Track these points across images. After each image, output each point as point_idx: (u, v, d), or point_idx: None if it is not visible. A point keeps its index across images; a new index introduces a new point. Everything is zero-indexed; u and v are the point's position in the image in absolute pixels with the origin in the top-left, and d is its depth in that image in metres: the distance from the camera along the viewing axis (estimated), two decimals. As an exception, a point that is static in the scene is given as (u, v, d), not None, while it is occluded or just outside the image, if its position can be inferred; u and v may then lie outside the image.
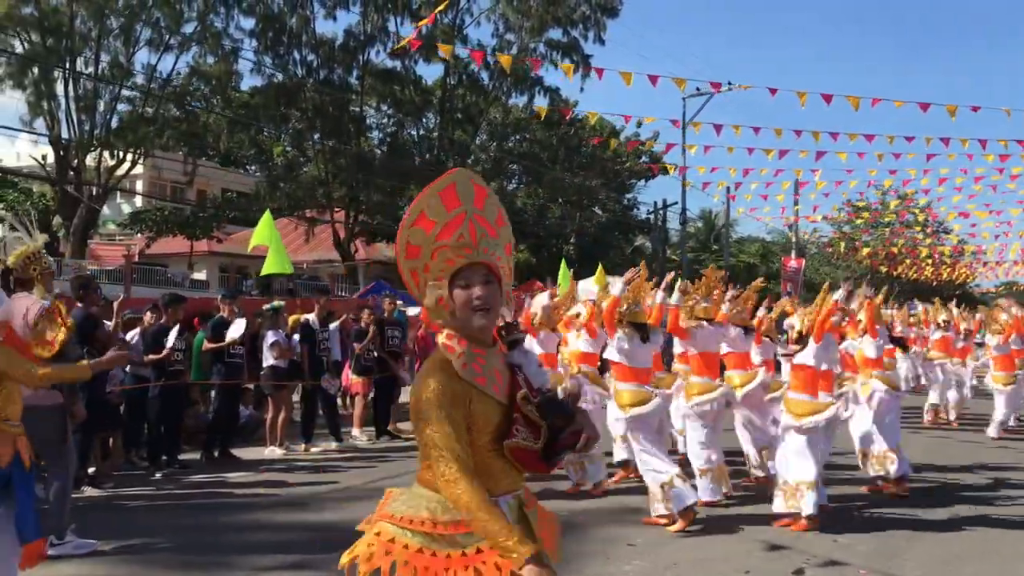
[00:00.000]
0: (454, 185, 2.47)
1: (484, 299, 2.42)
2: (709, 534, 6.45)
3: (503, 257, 2.55)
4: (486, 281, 2.43)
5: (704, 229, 54.42)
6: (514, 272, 2.65)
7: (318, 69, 32.10)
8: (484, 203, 2.50)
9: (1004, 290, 58.12)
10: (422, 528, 2.40)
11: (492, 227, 2.51)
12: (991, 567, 5.84)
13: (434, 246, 2.45)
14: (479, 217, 2.47)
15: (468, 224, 2.45)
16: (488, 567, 2.33)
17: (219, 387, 9.85)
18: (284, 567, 5.50)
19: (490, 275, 2.45)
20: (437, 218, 2.44)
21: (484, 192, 2.52)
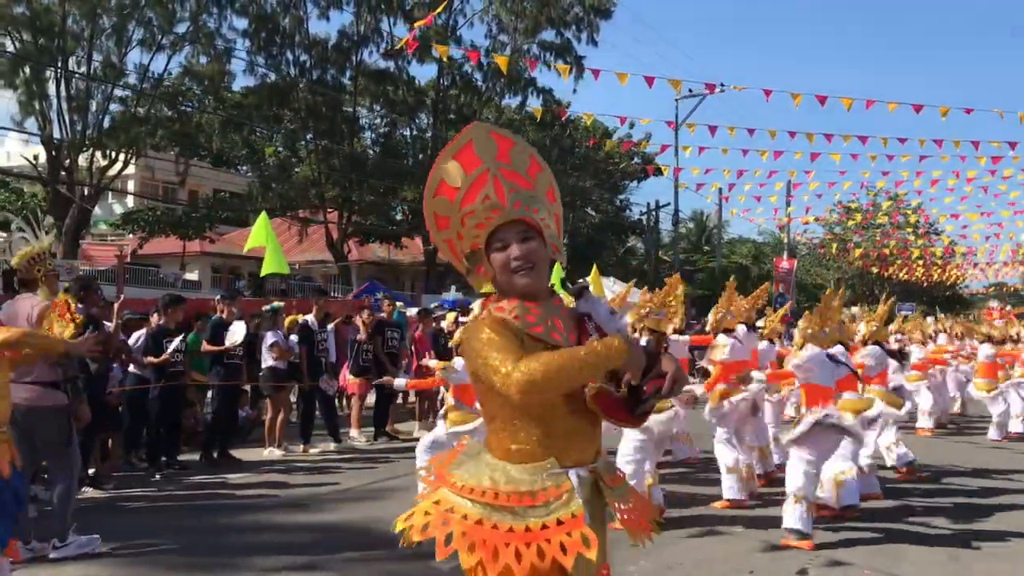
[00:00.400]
0: (471, 143, 2.29)
1: (523, 257, 2.23)
2: (712, 535, 6.47)
3: (543, 207, 2.32)
4: (523, 239, 2.24)
5: (696, 230, 54.54)
6: None
7: (311, 69, 32.07)
8: (510, 154, 2.30)
9: (994, 291, 58.41)
10: (483, 499, 2.20)
11: (524, 179, 2.30)
12: (997, 567, 5.87)
13: (461, 213, 2.28)
14: (505, 171, 2.27)
15: (494, 181, 2.26)
16: (552, 546, 2.13)
17: (218, 388, 9.84)
18: (288, 568, 5.49)
19: (528, 231, 2.25)
20: (458, 183, 2.27)
21: (509, 143, 2.31)
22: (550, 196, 2.35)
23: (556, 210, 2.37)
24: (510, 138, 2.33)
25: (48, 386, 5.42)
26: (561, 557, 2.11)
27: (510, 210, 2.25)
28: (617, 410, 2.23)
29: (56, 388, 5.49)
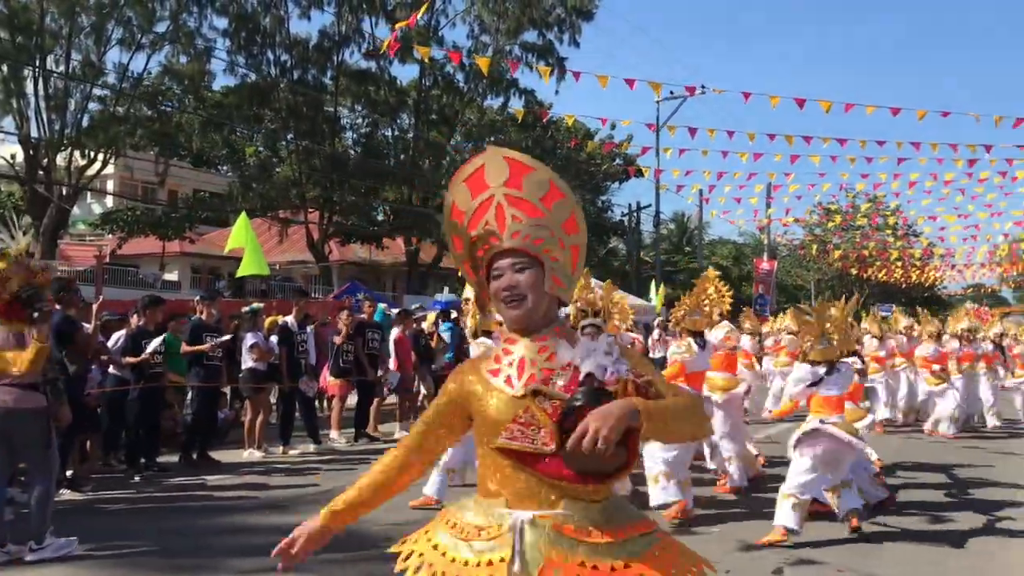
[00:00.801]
0: (483, 168, 2.23)
1: (510, 288, 2.19)
2: (687, 535, 6.53)
3: (552, 238, 2.21)
4: (517, 268, 2.19)
5: (677, 231, 54.81)
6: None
7: (292, 69, 31.99)
8: (524, 180, 2.20)
9: (971, 292, 59.00)
10: (451, 529, 2.23)
11: (534, 206, 2.19)
12: (971, 563, 5.97)
13: (468, 237, 2.26)
14: (512, 198, 2.20)
15: (496, 208, 2.20)
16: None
17: (197, 390, 9.82)
18: (268, 569, 5.46)
19: (525, 261, 2.19)
20: (465, 207, 2.25)
21: (525, 169, 2.21)
22: (567, 226, 2.23)
23: (575, 241, 2.25)
24: (528, 164, 2.23)
25: (28, 388, 5.41)
26: None
27: (506, 238, 2.20)
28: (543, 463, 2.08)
29: (36, 390, 5.48)
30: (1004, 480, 9.35)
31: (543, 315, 2.23)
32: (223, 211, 36.89)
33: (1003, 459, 11.00)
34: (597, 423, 1.93)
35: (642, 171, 27.31)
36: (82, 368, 7.86)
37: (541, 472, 2.09)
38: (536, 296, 2.19)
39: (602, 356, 2.12)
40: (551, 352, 2.18)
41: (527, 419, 2.10)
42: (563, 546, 2.07)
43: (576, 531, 2.08)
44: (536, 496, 2.12)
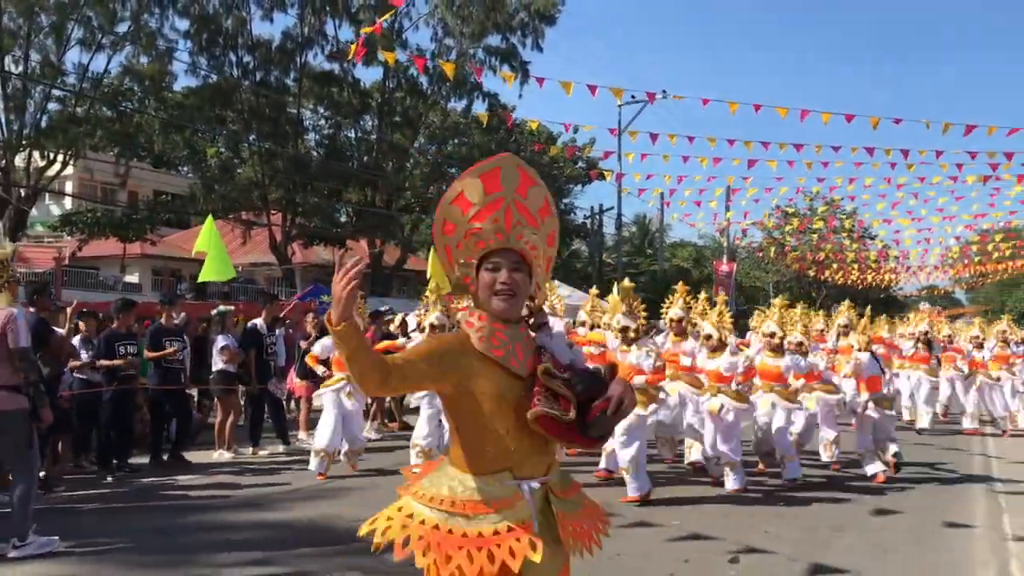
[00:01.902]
0: (499, 170, 2.48)
1: (509, 284, 2.45)
2: (649, 527, 6.81)
3: (541, 246, 2.53)
4: (514, 268, 2.46)
5: (639, 234, 55.33)
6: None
7: (254, 71, 31.92)
8: (528, 191, 2.50)
9: (926, 294, 60.22)
10: (440, 506, 2.42)
11: (533, 216, 2.50)
12: (919, 553, 6.30)
13: (467, 227, 2.48)
14: (520, 204, 2.48)
15: (506, 210, 2.46)
16: (502, 550, 2.33)
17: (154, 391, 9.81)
18: (244, 563, 5.67)
19: (520, 262, 2.47)
20: (476, 200, 2.46)
21: (532, 181, 2.52)
22: (549, 239, 2.57)
23: (550, 253, 2.58)
24: (534, 178, 2.53)
25: (10, 390, 5.54)
26: (510, 560, 2.31)
27: (511, 239, 2.47)
28: (566, 433, 2.41)
29: (18, 392, 5.60)
30: (953, 474, 9.80)
31: (518, 313, 2.54)
32: (185, 213, 36.65)
33: (951, 454, 11.45)
34: (627, 395, 2.41)
35: (604, 174, 27.68)
36: (56, 370, 7.95)
37: (555, 436, 2.44)
38: (523, 295, 2.50)
39: (564, 347, 2.57)
40: (530, 343, 2.53)
41: (547, 393, 2.41)
42: (559, 505, 2.52)
43: (558, 492, 2.55)
44: (534, 465, 2.50)
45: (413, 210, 37.62)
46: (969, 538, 6.84)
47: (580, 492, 2.66)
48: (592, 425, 2.40)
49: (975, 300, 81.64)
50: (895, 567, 5.86)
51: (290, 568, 5.56)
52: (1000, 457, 11.41)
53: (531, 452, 2.47)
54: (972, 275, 46.26)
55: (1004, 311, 69.85)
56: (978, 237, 37.75)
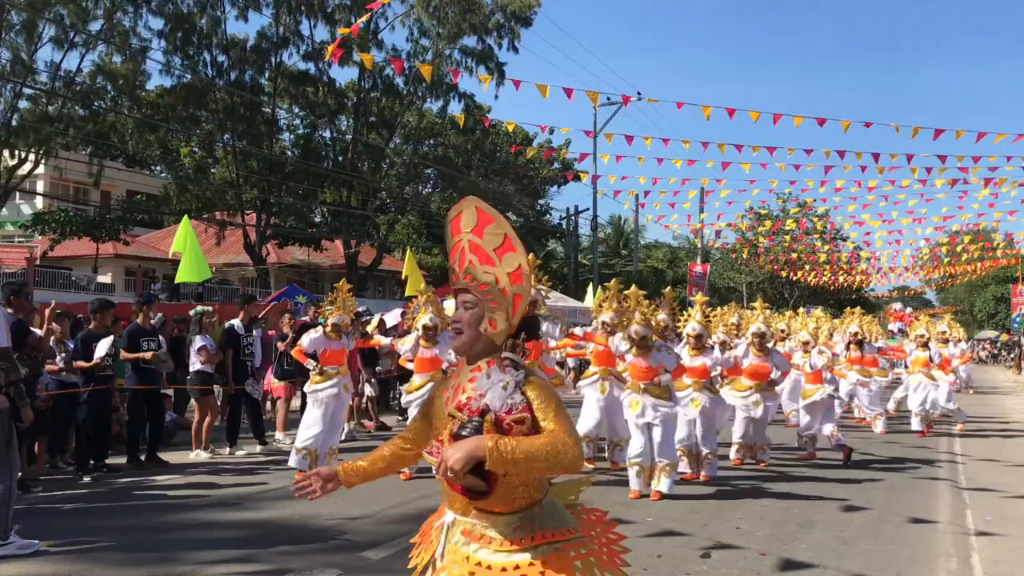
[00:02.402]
0: (460, 214, 2.61)
1: (455, 321, 2.61)
2: (623, 523, 6.94)
3: (495, 283, 2.54)
4: (465, 305, 2.58)
5: (614, 235, 55.67)
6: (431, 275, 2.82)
7: (229, 70, 31.84)
8: (484, 231, 2.55)
9: (897, 295, 61.04)
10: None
11: (488, 255, 2.54)
12: (882, 548, 6.49)
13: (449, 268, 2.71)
14: (473, 244, 2.56)
15: (461, 251, 2.58)
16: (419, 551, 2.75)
17: (133, 393, 9.83)
18: (225, 561, 5.75)
19: (471, 301, 2.57)
20: (448, 243, 2.66)
21: (488, 220, 2.56)
22: (513, 276, 2.53)
23: (518, 291, 2.53)
24: (492, 216, 2.56)
25: (-8, 390, 5.58)
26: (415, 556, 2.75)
27: (461, 278, 2.59)
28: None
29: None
30: (920, 472, 10.05)
31: (480, 350, 2.59)
32: (158, 213, 36.46)
33: (919, 452, 11.71)
34: (447, 455, 2.37)
35: (580, 176, 27.86)
36: (34, 370, 7.97)
37: (447, 484, 2.54)
38: (472, 333, 2.57)
39: (500, 390, 2.46)
40: (477, 381, 2.54)
41: (439, 437, 2.54)
42: (466, 547, 2.54)
43: (479, 538, 2.53)
44: (453, 503, 2.61)
45: (389, 210, 37.67)
46: (933, 532, 7.04)
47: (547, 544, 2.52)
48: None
49: (945, 301, 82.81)
50: (859, 561, 6.03)
51: (271, 565, 5.64)
52: (965, 455, 11.68)
53: (447, 489, 2.57)
54: (942, 276, 46.95)
55: (974, 311, 71.04)
56: (947, 239, 38.33)
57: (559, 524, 2.57)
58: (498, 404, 2.44)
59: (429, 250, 41.59)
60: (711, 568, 5.80)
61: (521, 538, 2.49)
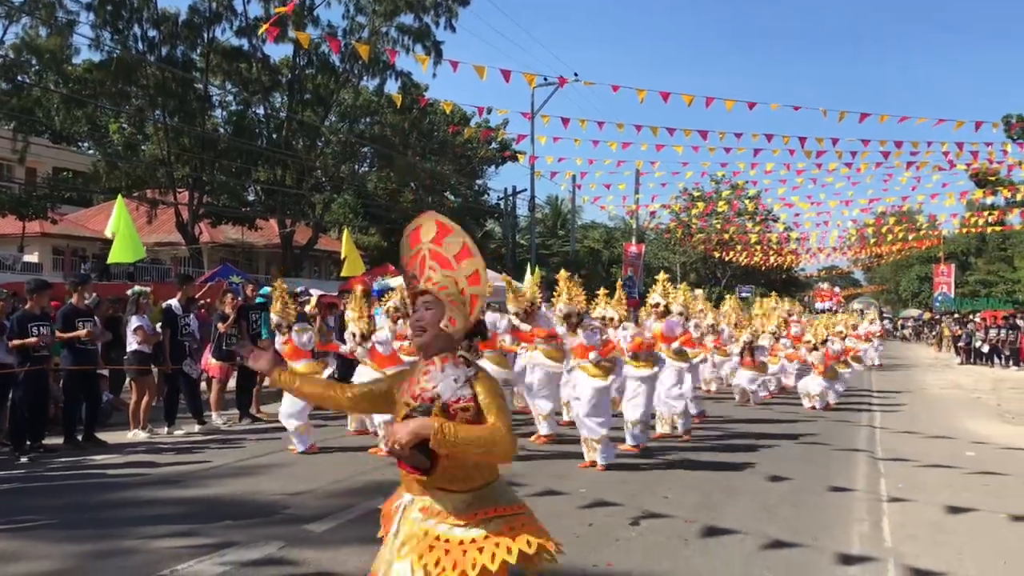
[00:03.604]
0: (419, 227, 2.89)
1: (417, 321, 2.84)
2: (558, 494, 7.23)
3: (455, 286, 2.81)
4: (426, 306, 2.83)
5: (551, 215, 56.02)
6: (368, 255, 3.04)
7: (160, 45, 31.15)
8: (444, 240, 2.85)
9: (825, 274, 62.69)
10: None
11: (448, 261, 2.83)
12: (800, 514, 6.87)
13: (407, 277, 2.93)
14: (433, 252, 2.84)
15: (421, 258, 2.85)
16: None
17: (68, 373, 9.79)
18: (170, 535, 5.84)
19: (432, 301, 2.82)
20: (405, 255, 2.90)
21: (448, 231, 2.86)
22: (471, 280, 2.84)
23: (475, 292, 2.84)
24: (450, 228, 2.87)
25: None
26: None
27: (422, 282, 2.84)
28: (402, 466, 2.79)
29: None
30: (840, 444, 10.56)
31: (439, 346, 2.83)
32: (87, 191, 35.62)
33: (840, 426, 12.26)
34: (396, 429, 2.65)
35: (518, 156, 28.06)
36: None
37: (400, 467, 2.82)
38: (433, 331, 2.82)
39: (451, 383, 2.74)
40: (433, 374, 2.80)
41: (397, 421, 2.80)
42: (425, 523, 2.78)
43: (437, 514, 2.78)
44: (411, 487, 2.85)
45: (324, 189, 37.36)
46: (849, 500, 7.47)
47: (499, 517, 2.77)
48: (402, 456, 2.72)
49: (872, 280, 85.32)
50: (780, 526, 6.39)
51: (214, 539, 5.75)
52: (884, 427, 12.28)
53: (405, 472, 2.82)
54: (868, 256, 48.41)
55: (899, 290, 73.32)
56: (873, 220, 39.55)
57: (510, 501, 2.86)
58: (448, 395, 2.72)
59: (366, 230, 41.39)
60: (640, 535, 6.10)
61: (475, 513, 2.76)
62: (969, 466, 9.16)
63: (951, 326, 38.38)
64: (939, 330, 42.84)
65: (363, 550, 5.40)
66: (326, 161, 36.17)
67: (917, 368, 28.20)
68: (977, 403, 16.66)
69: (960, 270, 58.41)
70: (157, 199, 32.75)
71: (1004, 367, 28.65)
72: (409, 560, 2.73)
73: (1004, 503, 7.36)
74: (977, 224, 29.38)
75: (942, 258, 56.52)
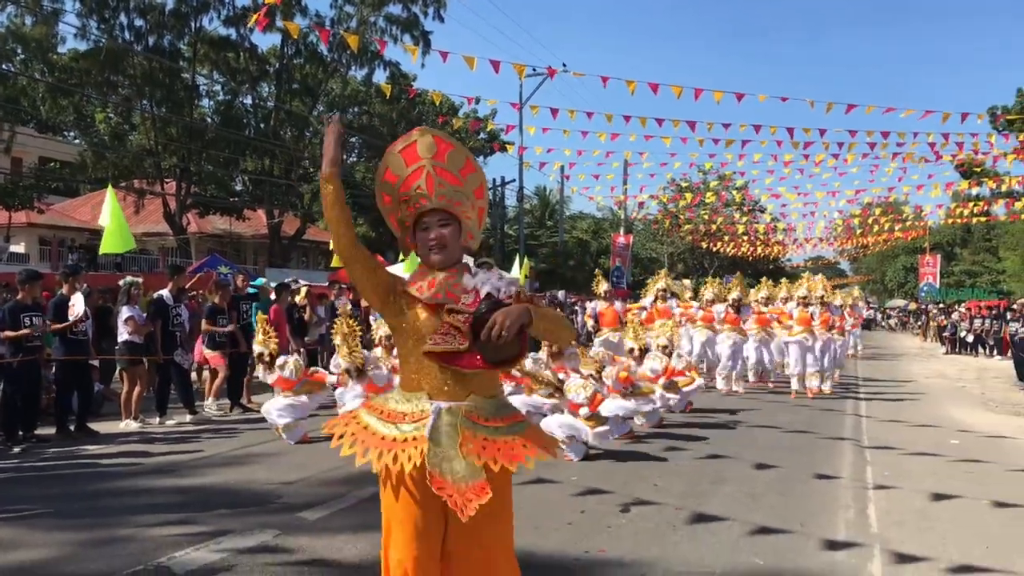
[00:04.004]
0: (415, 143, 2.88)
1: (437, 239, 2.86)
2: (549, 482, 7.32)
3: (467, 200, 2.91)
4: (442, 224, 2.86)
5: (540, 206, 56.04)
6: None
7: (147, 35, 30.99)
8: (447, 156, 2.88)
9: (812, 264, 63.04)
10: (375, 413, 2.94)
11: (454, 176, 2.88)
12: (783, 503, 6.97)
13: (399, 196, 2.91)
14: (439, 168, 2.86)
15: (426, 176, 2.86)
16: (406, 454, 2.79)
17: (61, 363, 9.82)
18: (165, 524, 5.89)
19: (447, 218, 2.86)
20: (399, 173, 2.88)
21: (449, 146, 2.90)
22: (477, 193, 2.95)
23: (482, 204, 2.96)
24: (451, 143, 2.91)
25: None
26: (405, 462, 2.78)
27: (434, 200, 2.85)
28: (467, 360, 2.79)
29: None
30: (826, 432, 10.68)
31: (456, 258, 2.92)
32: (74, 181, 35.46)
33: (827, 415, 12.39)
34: (501, 317, 2.68)
35: (506, 147, 28.07)
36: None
37: (459, 366, 2.82)
38: (454, 246, 2.90)
39: (496, 280, 2.86)
40: (456, 280, 2.88)
41: (446, 328, 2.81)
42: (471, 427, 2.85)
43: (479, 417, 2.88)
44: (452, 391, 2.88)
45: (312, 179, 37.30)
46: (835, 487, 7.58)
47: (521, 421, 3.01)
48: (484, 350, 2.75)
49: (858, 270, 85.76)
50: (766, 513, 6.49)
51: (210, 527, 5.81)
52: (870, 416, 12.41)
53: (445, 379, 2.86)
54: (855, 247, 48.66)
55: (885, 280, 73.73)
56: (859, 211, 39.74)
57: (517, 409, 3.14)
58: (501, 292, 2.83)
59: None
60: (630, 522, 6.19)
61: (503, 417, 2.95)
62: (953, 454, 9.29)
63: (936, 316, 38.69)
64: (925, 320, 43.14)
65: (357, 537, 5.49)
66: (314, 151, 36.09)
67: (903, 357, 28.42)
68: (962, 392, 16.84)
69: (945, 260, 58.82)
70: (144, 189, 32.64)
71: (988, 357, 28.92)
72: (471, 459, 2.81)
73: (987, 490, 7.49)
74: (962, 215, 29.55)
75: (928, 248, 56.88)
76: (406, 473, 2.81)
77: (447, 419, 2.85)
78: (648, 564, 5.19)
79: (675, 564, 5.21)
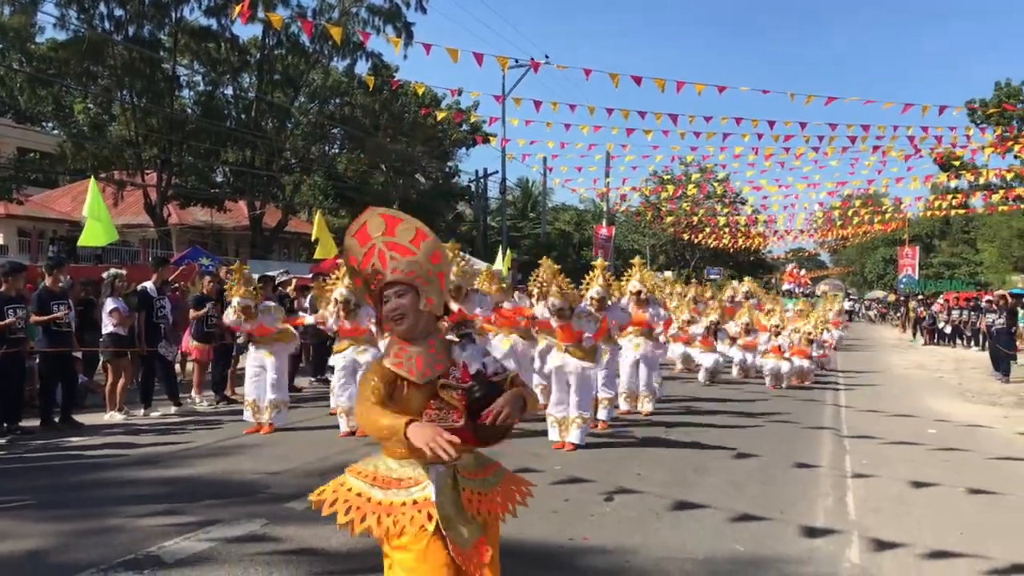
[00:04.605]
0: (365, 224, 2.98)
1: (394, 310, 2.92)
2: (534, 472, 7.39)
3: (421, 267, 2.94)
4: (399, 295, 2.92)
5: (522, 197, 56.09)
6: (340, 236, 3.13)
7: (127, 24, 30.73)
8: (396, 230, 2.96)
9: (792, 256, 63.41)
10: (365, 479, 2.95)
11: (406, 248, 2.95)
12: (767, 491, 7.10)
13: (361, 276, 3.00)
14: (389, 243, 2.94)
15: (378, 253, 2.94)
16: (406, 517, 2.83)
17: (44, 355, 9.81)
18: (152, 514, 5.93)
19: (403, 288, 2.92)
20: (357, 255, 2.97)
21: (396, 221, 2.98)
22: (433, 258, 2.97)
23: (440, 269, 2.99)
24: (400, 217, 2.99)
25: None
26: (410, 527, 2.81)
27: (388, 274, 2.92)
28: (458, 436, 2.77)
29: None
30: (807, 422, 10.83)
31: (423, 327, 2.96)
32: (53, 172, 35.17)
33: (808, 405, 12.55)
34: (508, 408, 2.81)
35: (489, 139, 28.08)
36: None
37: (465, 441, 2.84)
38: (414, 313, 2.93)
39: (482, 356, 2.98)
40: (438, 353, 2.95)
41: (439, 404, 2.90)
42: (467, 483, 2.96)
43: (468, 473, 3.00)
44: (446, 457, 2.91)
45: (294, 171, 37.16)
46: (814, 476, 7.72)
47: (498, 469, 3.11)
48: (479, 430, 2.85)
49: (838, 262, 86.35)
50: (747, 502, 6.61)
51: (198, 517, 5.86)
52: (849, 406, 12.59)
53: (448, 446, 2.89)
54: (835, 239, 49.00)
55: (864, 272, 74.28)
56: (840, 203, 40.01)
57: (489, 460, 3.14)
58: (490, 368, 2.96)
59: (336, 211, 41.21)
60: (614, 510, 6.29)
61: (486, 467, 3.07)
62: (931, 443, 9.46)
63: (915, 308, 39.06)
64: (904, 312, 43.54)
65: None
66: (296, 142, 35.96)
67: (882, 349, 28.73)
68: (939, 382, 17.08)
69: (924, 252, 59.35)
70: (125, 180, 32.39)
71: (966, 347, 29.27)
72: (470, 513, 2.92)
73: (963, 478, 7.64)
74: (941, 207, 29.84)
75: (907, 240, 57.34)
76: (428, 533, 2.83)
77: (448, 482, 2.94)
78: (631, 551, 5.29)
79: (657, 551, 5.31)
